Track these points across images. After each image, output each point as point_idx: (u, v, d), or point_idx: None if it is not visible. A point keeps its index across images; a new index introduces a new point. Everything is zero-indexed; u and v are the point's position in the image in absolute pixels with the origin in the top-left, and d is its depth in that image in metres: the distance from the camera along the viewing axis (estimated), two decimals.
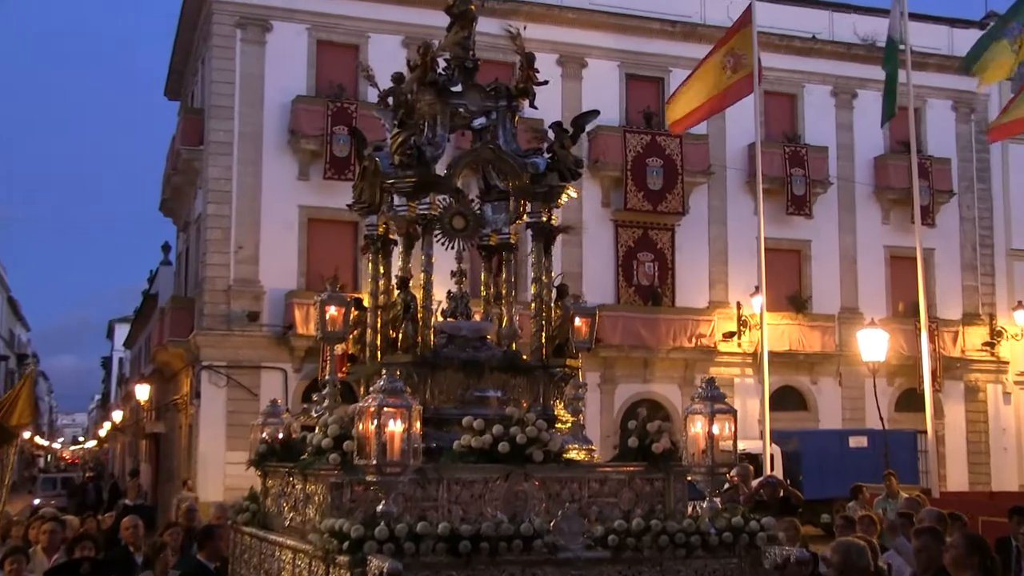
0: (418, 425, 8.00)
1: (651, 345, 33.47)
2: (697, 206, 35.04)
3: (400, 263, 10.94)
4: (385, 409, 7.85)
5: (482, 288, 11.82)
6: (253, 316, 30.53)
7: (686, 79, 25.98)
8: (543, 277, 10.96)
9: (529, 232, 11.09)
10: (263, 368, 30.64)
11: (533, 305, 11.05)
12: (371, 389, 8.08)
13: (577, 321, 11.32)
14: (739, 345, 34.62)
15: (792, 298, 35.72)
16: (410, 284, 10.72)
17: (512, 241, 11.64)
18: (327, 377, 11.91)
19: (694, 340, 33.92)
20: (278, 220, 30.94)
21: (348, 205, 11.51)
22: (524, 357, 11.09)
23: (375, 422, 7.84)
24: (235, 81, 31.54)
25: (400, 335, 10.43)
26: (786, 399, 35.05)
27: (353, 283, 30.11)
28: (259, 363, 30.65)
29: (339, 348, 12.49)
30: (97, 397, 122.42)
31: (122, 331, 75.98)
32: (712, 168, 34.92)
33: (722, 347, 34.37)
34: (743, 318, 34.45)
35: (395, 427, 7.87)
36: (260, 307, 30.75)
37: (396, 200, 10.55)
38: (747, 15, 24.56)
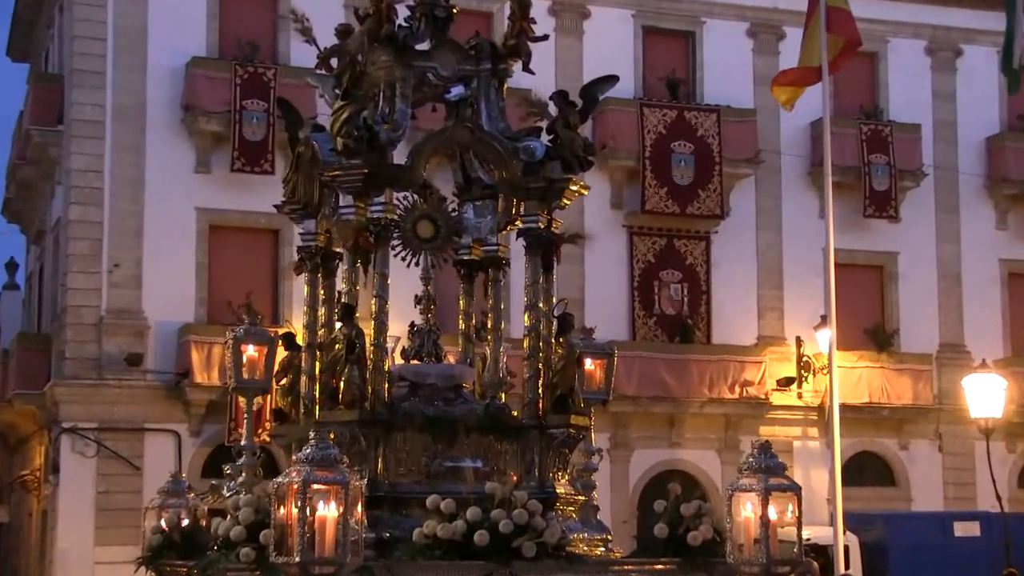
0: (359, 508, 8.02)
1: (679, 396, 33.47)
2: (741, 207, 35.12)
3: (344, 285, 11.00)
4: (313, 486, 7.83)
5: (460, 319, 11.87)
6: (134, 359, 30.40)
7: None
8: (541, 304, 11.04)
9: (522, 243, 11.14)
10: (148, 431, 30.50)
11: (527, 342, 11.10)
12: (295, 458, 8.11)
13: (588, 364, 11.42)
14: (800, 396, 34.65)
15: (872, 332, 35.79)
16: (357, 314, 10.78)
17: (501, 255, 11.69)
18: (243, 443, 11.96)
19: (738, 389, 33.94)
20: (168, 228, 30.85)
21: (276, 206, 11.58)
22: (514, 413, 11.16)
23: (299, 504, 7.82)
24: (107, 37, 31.43)
25: (343, 383, 10.50)
26: (865, 470, 35.09)
27: (272, 314, 30.03)
28: (142, 424, 30.51)
29: (260, 402, 12.54)
30: None
31: None
32: (762, 155, 35.03)
33: (776, 399, 34.41)
34: (805, 359, 34.50)
35: (327, 511, 7.87)
36: (143, 347, 30.62)
37: (341, 199, 10.63)
38: None
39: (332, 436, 9.46)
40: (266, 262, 31.47)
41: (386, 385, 10.65)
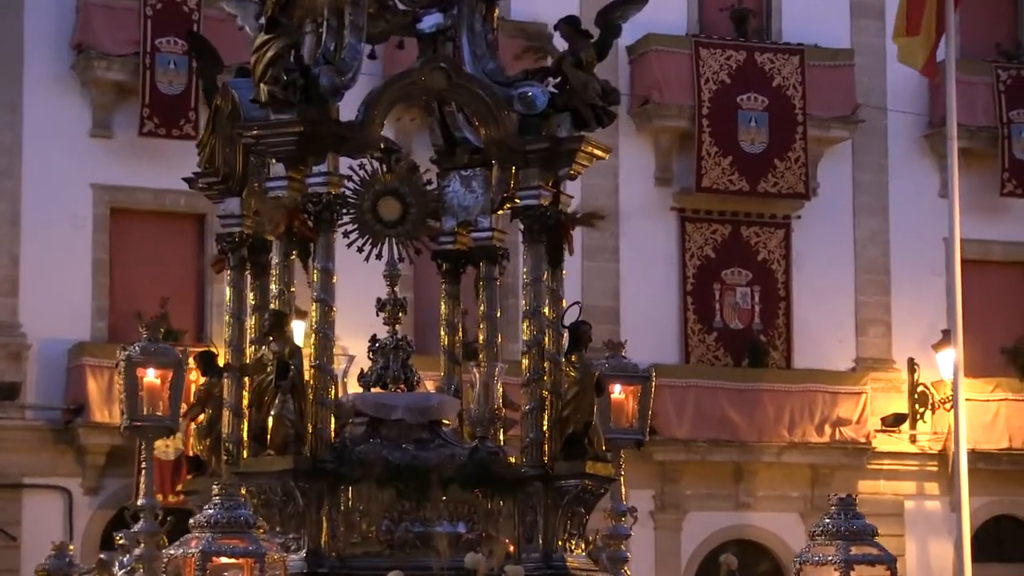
0: None
1: (749, 440, 33.48)
2: (833, 182, 35.12)
3: (276, 287, 11.00)
4: (216, 559, 7.85)
5: (440, 331, 11.86)
6: (8, 391, 30.47)
7: None
8: (545, 310, 11.03)
9: (521, 227, 11.13)
10: (27, 487, 30.58)
11: (526, 361, 11.08)
12: (192, 521, 8.13)
13: (615, 391, 11.40)
14: (914, 440, 34.69)
15: (1013, 352, 35.79)
16: (290, 326, 10.78)
17: (496, 243, 11.68)
18: (141, 502, 11.98)
19: (829, 431, 33.94)
20: (55, 212, 30.91)
21: (187, 179, 11.57)
22: (510, 460, 11.15)
23: None
24: None
25: (273, 420, 10.51)
26: (1004, 540, 35.14)
27: (197, 327, 30.11)
28: (19, 479, 30.58)
29: (165, 446, 12.55)
30: None
31: None
32: (861, 112, 35.02)
33: (882, 443, 34.43)
34: (921, 390, 34.54)
35: None
36: (21, 374, 30.70)
37: (271, 169, 10.63)
38: None
39: (244, 491, 9.43)
40: (188, 258, 31.52)
41: (333, 421, 10.63)
